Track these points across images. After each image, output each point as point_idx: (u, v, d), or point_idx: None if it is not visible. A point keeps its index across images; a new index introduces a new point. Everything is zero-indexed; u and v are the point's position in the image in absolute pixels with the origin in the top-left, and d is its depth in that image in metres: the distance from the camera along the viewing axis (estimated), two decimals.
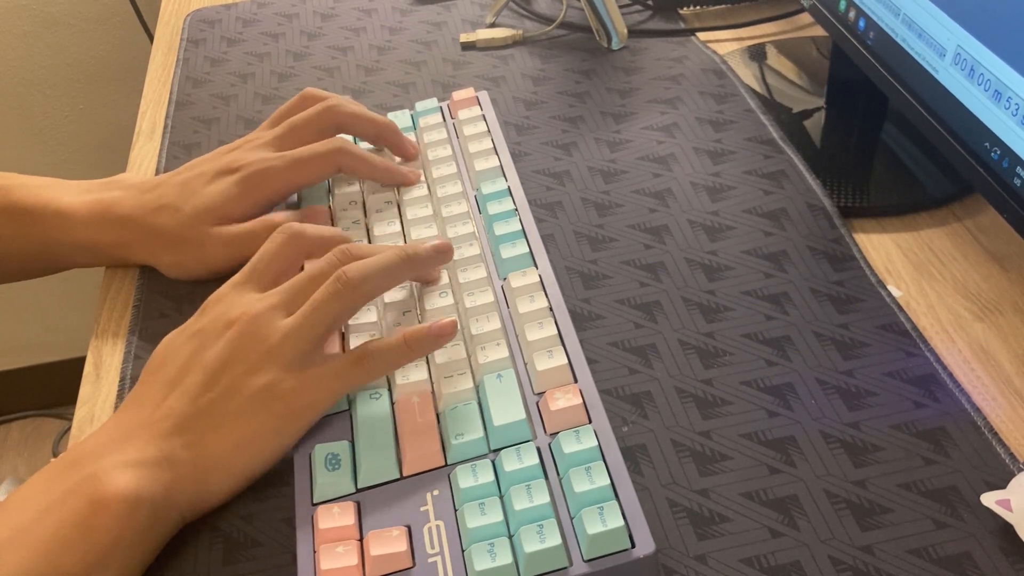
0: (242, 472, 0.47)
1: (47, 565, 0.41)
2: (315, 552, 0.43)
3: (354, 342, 0.52)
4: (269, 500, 0.48)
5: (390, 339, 0.49)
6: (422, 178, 0.63)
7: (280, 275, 0.51)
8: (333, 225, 0.60)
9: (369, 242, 0.59)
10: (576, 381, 0.49)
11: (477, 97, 0.70)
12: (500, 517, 0.43)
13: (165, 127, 0.76)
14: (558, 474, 0.45)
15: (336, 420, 0.49)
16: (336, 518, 0.44)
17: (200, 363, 0.47)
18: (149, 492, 0.44)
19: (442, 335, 0.49)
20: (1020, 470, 0.46)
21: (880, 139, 0.70)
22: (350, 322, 0.53)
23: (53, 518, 0.42)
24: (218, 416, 0.46)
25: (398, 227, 0.60)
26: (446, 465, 0.47)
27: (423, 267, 0.52)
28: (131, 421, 0.47)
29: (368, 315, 0.53)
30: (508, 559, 0.41)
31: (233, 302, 0.49)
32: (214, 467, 0.46)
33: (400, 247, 0.51)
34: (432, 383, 0.50)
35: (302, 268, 0.52)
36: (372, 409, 0.49)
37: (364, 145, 0.65)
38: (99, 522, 0.42)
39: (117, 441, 0.45)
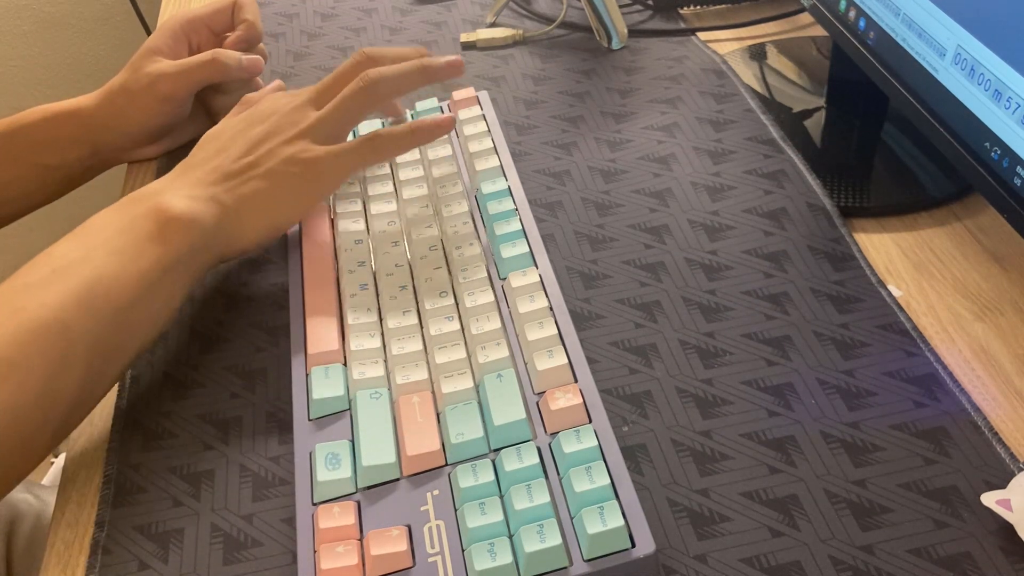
0: (271, 220, 0.56)
1: (131, 265, 0.50)
2: (315, 552, 0.44)
3: (354, 342, 0.52)
4: (269, 500, 0.48)
5: (398, 127, 0.58)
6: (422, 174, 0.63)
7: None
8: (333, 228, 0.61)
9: (368, 235, 0.59)
10: (576, 381, 0.49)
11: (477, 97, 0.70)
12: (500, 517, 0.43)
13: None
14: (558, 474, 0.45)
15: (336, 420, 0.49)
16: (336, 518, 0.44)
17: (245, 136, 0.57)
18: (203, 216, 0.53)
19: (441, 125, 0.58)
20: (1020, 470, 0.46)
21: (880, 139, 0.70)
22: (351, 322, 0.53)
23: (129, 234, 0.51)
24: (255, 172, 0.55)
25: (399, 227, 0.60)
26: (446, 465, 0.47)
27: (435, 78, 0.60)
28: (185, 174, 0.56)
29: (368, 315, 0.53)
30: (508, 559, 0.41)
31: (280, 99, 0.60)
32: (249, 211, 0.55)
33: (418, 60, 0.60)
34: (432, 383, 0.50)
35: None
36: (372, 409, 0.49)
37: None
38: (168, 235, 0.51)
39: (174, 187, 0.54)
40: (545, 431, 0.47)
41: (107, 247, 0.50)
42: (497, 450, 0.47)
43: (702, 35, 0.82)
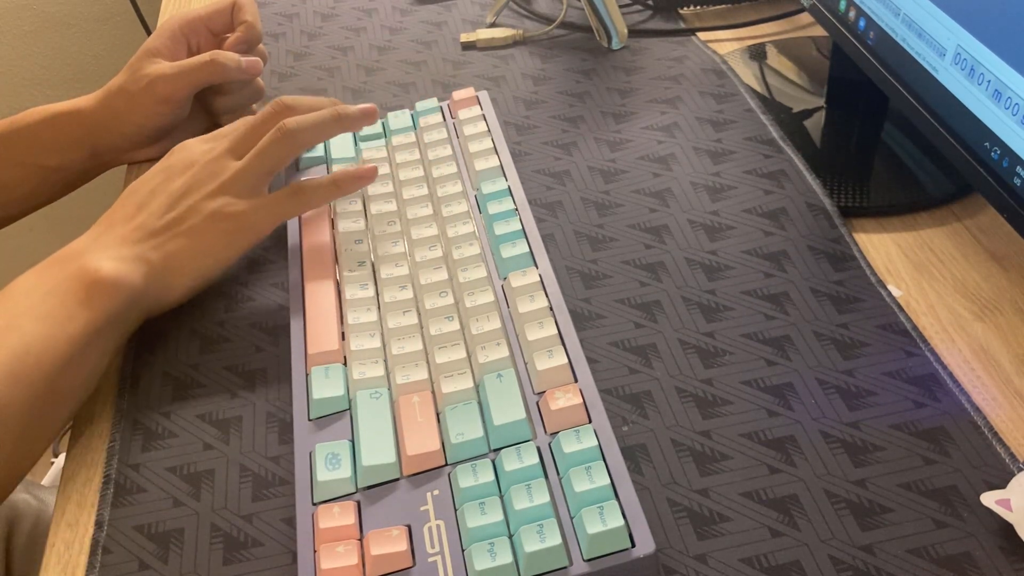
0: (198, 274, 0.56)
1: (60, 331, 0.50)
2: (315, 552, 0.44)
3: (354, 342, 0.52)
4: (269, 500, 0.48)
5: (321, 179, 0.59)
6: (422, 174, 0.63)
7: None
8: (333, 228, 0.60)
9: (368, 236, 0.59)
10: (576, 381, 0.49)
11: (477, 97, 0.70)
12: (500, 517, 0.43)
13: None
14: (558, 474, 0.45)
15: (336, 420, 0.49)
16: (336, 518, 0.44)
17: (166, 191, 0.57)
18: (130, 278, 0.53)
19: (364, 176, 0.59)
20: (1020, 470, 0.46)
21: (880, 139, 0.70)
22: (350, 322, 0.53)
23: (56, 298, 0.51)
24: (180, 229, 0.55)
25: (399, 227, 0.60)
26: (446, 465, 0.47)
27: (351, 127, 0.61)
28: (108, 232, 0.56)
29: (368, 315, 0.53)
30: (508, 559, 0.41)
31: (197, 149, 0.60)
32: (176, 268, 0.55)
33: (333, 108, 0.60)
34: (432, 383, 0.50)
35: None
36: (372, 409, 0.49)
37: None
38: (97, 298, 0.51)
39: (98, 247, 0.54)
40: (545, 431, 0.47)
41: (33, 313, 0.50)
42: (497, 450, 0.47)
43: (702, 35, 0.82)
